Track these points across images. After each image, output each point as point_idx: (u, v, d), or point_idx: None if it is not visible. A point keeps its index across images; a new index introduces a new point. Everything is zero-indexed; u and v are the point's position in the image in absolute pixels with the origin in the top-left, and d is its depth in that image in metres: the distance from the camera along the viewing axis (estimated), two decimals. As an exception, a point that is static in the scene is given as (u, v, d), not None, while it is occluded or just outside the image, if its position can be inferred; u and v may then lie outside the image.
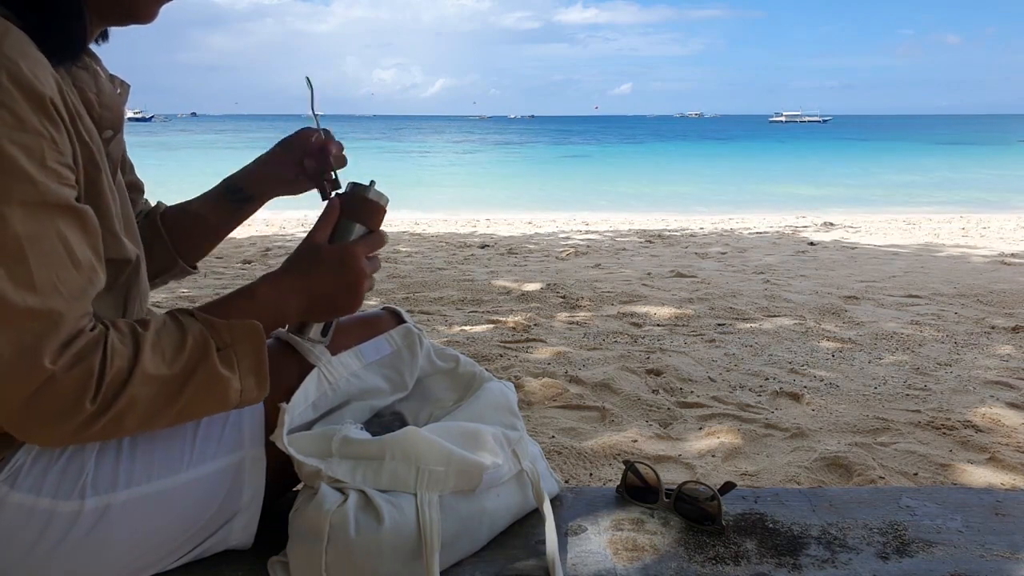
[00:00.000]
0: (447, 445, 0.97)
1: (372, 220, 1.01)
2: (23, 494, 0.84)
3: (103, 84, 0.91)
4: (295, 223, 9.55)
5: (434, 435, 0.99)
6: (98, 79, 0.91)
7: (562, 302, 4.42)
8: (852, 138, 60.94)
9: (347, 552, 0.90)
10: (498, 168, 27.82)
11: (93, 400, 0.75)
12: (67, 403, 0.74)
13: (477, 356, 3.22)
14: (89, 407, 0.75)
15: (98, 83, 0.90)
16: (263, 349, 0.88)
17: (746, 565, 1.03)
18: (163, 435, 0.92)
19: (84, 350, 0.75)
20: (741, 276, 5.46)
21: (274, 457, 0.98)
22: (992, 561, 1.04)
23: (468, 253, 6.64)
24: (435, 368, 1.17)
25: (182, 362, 0.81)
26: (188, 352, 0.82)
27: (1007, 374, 3.08)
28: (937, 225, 9.61)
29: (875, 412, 2.64)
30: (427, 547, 0.91)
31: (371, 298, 4.45)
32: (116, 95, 0.94)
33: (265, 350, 0.88)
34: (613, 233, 8.56)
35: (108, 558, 0.89)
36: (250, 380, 0.87)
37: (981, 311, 4.25)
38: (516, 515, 1.08)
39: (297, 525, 0.94)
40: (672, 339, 3.59)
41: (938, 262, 6.27)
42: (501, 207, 13.35)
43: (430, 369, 1.17)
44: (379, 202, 1.01)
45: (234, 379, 0.85)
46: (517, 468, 1.05)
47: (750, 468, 2.20)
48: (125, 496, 0.88)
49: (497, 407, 1.11)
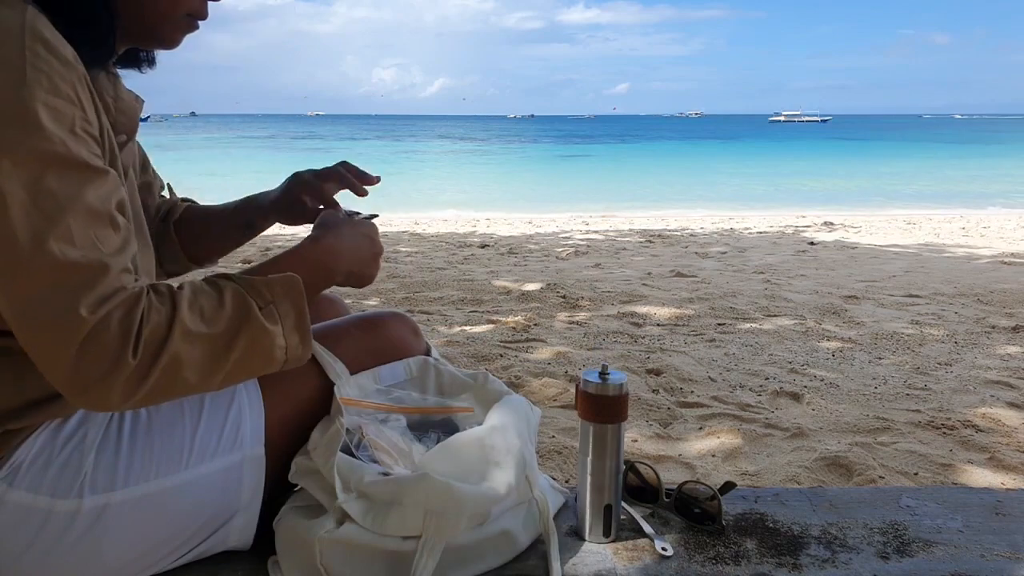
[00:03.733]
0: (461, 491, 0.93)
1: None
2: (22, 492, 0.84)
3: (121, 90, 0.93)
4: (295, 223, 9.55)
5: (457, 457, 0.96)
6: (117, 85, 0.93)
7: (562, 302, 4.41)
8: (854, 138, 60.94)
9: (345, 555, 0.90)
10: (498, 168, 27.84)
11: (134, 354, 0.74)
12: (109, 357, 0.73)
13: (477, 356, 3.22)
14: (131, 360, 0.74)
15: (116, 89, 0.93)
16: (303, 305, 0.88)
17: (746, 565, 1.02)
18: (162, 434, 0.92)
19: (122, 304, 0.75)
20: (741, 276, 5.46)
21: (273, 457, 0.98)
22: (992, 561, 1.04)
23: (468, 253, 6.63)
24: (463, 386, 1.16)
25: (224, 320, 0.81)
26: (228, 310, 0.82)
27: (1007, 374, 3.08)
28: (937, 225, 9.61)
29: (875, 412, 2.64)
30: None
31: (371, 298, 4.45)
32: (133, 102, 0.96)
33: (305, 305, 0.88)
34: (613, 233, 8.55)
35: (106, 557, 0.89)
36: (294, 337, 0.87)
37: (981, 311, 4.25)
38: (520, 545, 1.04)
39: (287, 539, 0.95)
40: (672, 339, 3.59)
41: (938, 262, 6.27)
42: (501, 207, 13.35)
43: (456, 388, 1.16)
44: None
45: (279, 336, 0.85)
46: (527, 496, 1.03)
47: (750, 468, 2.20)
48: (124, 495, 0.88)
49: (524, 418, 1.09)
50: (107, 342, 0.73)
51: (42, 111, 0.71)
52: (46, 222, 0.71)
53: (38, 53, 0.71)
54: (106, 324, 0.73)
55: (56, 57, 0.73)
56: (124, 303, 0.75)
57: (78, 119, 0.75)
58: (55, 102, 0.72)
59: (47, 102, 0.72)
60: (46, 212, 0.71)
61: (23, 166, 0.71)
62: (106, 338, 0.73)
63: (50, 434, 0.88)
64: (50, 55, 0.72)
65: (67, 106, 0.74)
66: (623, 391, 1.03)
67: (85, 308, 0.72)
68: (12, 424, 0.84)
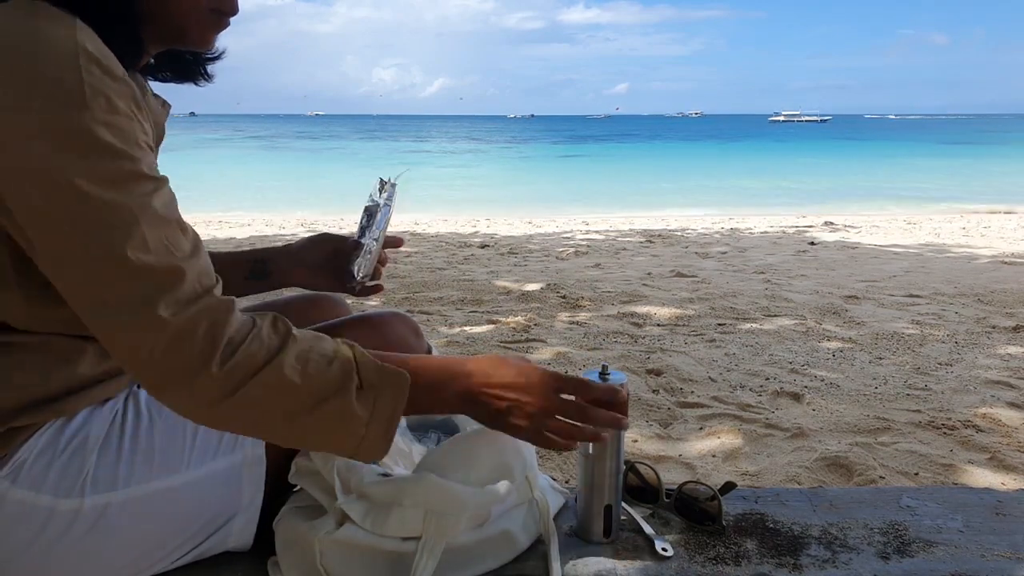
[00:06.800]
0: (461, 492, 0.93)
1: None
2: (24, 491, 0.85)
3: (149, 99, 0.93)
4: (295, 223, 9.56)
5: (457, 457, 0.96)
6: (145, 93, 0.92)
7: (562, 302, 4.41)
8: (854, 139, 60.93)
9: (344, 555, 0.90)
10: (499, 168, 27.84)
11: (220, 365, 0.75)
12: (194, 363, 0.75)
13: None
14: (215, 371, 0.75)
15: (145, 97, 0.92)
16: (402, 405, 0.85)
17: (746, 565, 1.02)
18: (164, 435, 0.92)
19: (207, 313, 0.76)
20: (742, 276, 5.46)
21: (273, 458, 0.98)
22: (993, 561, 1.04)
23: (468, 253, 6.63)
24: None
25: (319, 382, 0.80)
26: (328, 375, 0.81)
27: (1008, 374, 3.08)
28: (938, 225, 9.60)
29: (876, 412, 2.64)
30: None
31: (372, 298, 4.45)
32: (161, 110, 0.96)
33: (401, 408, 0.85)
34: (614, 233, 8.55)
35: (107, 557, 0.89)
36: (376, 432, 0.83)
37: (982, 311, 4.25)
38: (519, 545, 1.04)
39: (287, 540, 0.95)
40: (672, 339, 3.59)
41: (939, 262, 6.27)
42: (501, 207, 13.34)
43: None
44: None
45: (361, 425, 0.82)
46: (528, 496, 1.03)
47: (750, 468, 2.20)
48: (125, 495, 0.88)
49: None
50: (192, 348, 0.74)
51: (105, 130, 0.73)
52: (121, 232, 0.73)
53: (93, 73, 0.73)
54: (192, 330, 0.75)
55: (110, 76, 0.75)
56: (209, 312, 0.76)
57: (138, 132, 0.77)
58: (116, 120, 0.74)
59: (109, 121, 0.73)
60: (120, 223, 0.73)
61: (94, 184, 0.72)
62: (191, 344, 0.74)
63: (54, 433, 0.88)
64: (104, 75, 0.74)
65: (126, 122, 0.76)
66: (623, 391, 1.03)
67: (165, 310, 0.74)
68: (17, 422, 0.85)
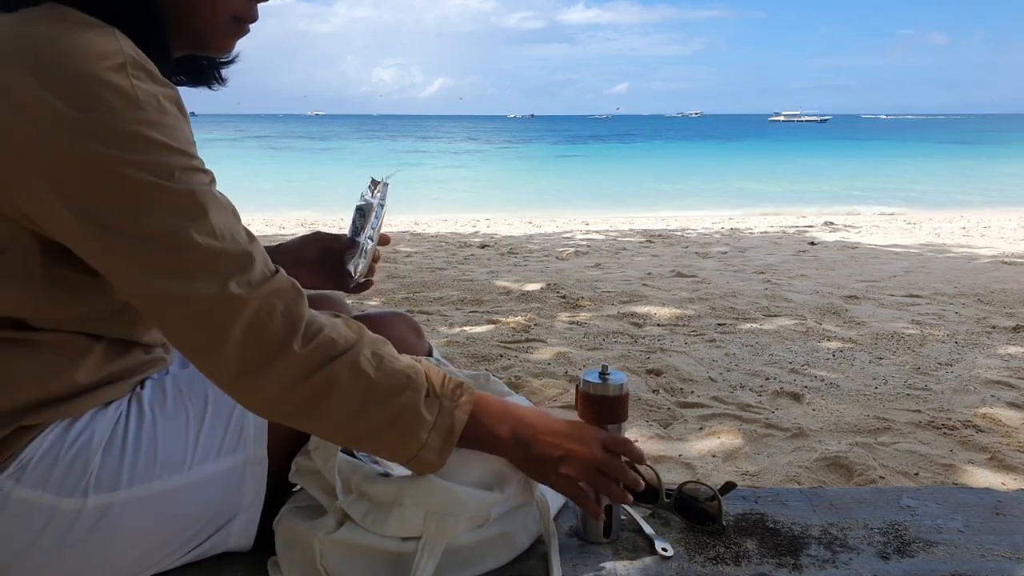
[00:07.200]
0: (462, 492, 0.93)
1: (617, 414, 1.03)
2: (28, 489, 0.85)
3: None
4: (295, 223, 9.55)
5: (457, 458, 0.95)
6: None
7: (562, 302, 4.42)
8: (854, 139, 60.91)
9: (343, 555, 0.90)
10: (498, 168, 27.83)
11: (303, 344, 0.78)
12: (277, 342, 0.77)
13: (477, 356, 3.22)
14: (297, 349, 0.78)
15: None
16: (465, 417, 0.89)
17: (746, 565, 1.02)
18: (167, 435, 0.92)
19: (281, 295, 0.79)
20: (742, 276, 5.46)
21: (274, 457, 0.98)
22: (993, 561, 1.04)
23: (468, 253, 6.63)
24: None
25: (391, 379, 0.84)
26: (400, 375, 0.85)
27: (1008, 374, 3.08)
28: (938, 225, 9.60)
29: (876, 412, 2.64)
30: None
31: (372, 298, 4.45)
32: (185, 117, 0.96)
33: (465, 419, 0.89)
34: (614, 233, 8.55)
35: (109, 557, 0.89)
36: (436, 441, 0.87)
37: (982, 311, 4.25)
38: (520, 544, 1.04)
39: (287, 540, 0.95)
40: (672, 339, 3.59)
41: (939, 262, 6.27)
42: (501, 207, 13.34)
43: None
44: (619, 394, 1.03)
45: (424, 429, 0.86)
46: (528, 497, 1.03)
47: (750, 468, 2.20)
48: (127, 495, 0.88)
49: None
50: (273, 327, 0.77)
51: (162, 129, 0.76)
52: (191, 222, 0.75)
53: (141, 78, 0.75)
54: (269, 310, 0.77)
55: (156, 81, 0.77)
56: (283, 293, 0.79)
57: (188, 131, 0.80)
58: (168, 119, 0.77)
59: (163, 121, 0.76)
60: (189, 214, 0.76)
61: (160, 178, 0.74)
62: (272, 323, 0.77)
63: (59, 433, 0.88)
64: (151, 80, 0.77)
65: (176, 120, 0.79)
66: (623, 391, 1.03)
67: (238, 288, 0.76)
68: (25, 421, 0.85)
